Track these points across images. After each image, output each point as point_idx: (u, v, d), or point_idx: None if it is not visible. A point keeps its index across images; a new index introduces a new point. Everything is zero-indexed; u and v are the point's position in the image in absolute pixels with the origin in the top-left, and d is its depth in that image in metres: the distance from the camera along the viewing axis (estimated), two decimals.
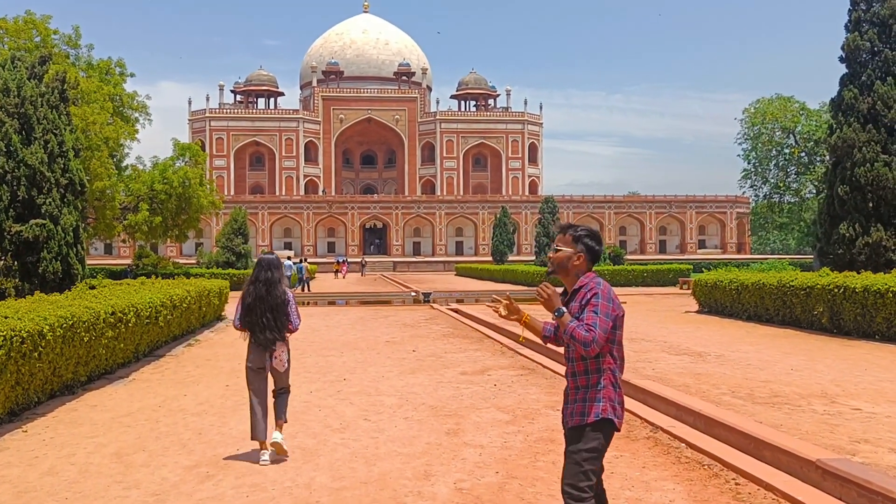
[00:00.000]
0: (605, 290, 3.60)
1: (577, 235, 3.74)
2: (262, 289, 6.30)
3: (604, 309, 3.54)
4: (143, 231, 35.31)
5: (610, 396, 3.63)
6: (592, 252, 3.74)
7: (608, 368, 3.65)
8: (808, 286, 15.76)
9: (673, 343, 13.68)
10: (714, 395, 8.36)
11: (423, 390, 9.13)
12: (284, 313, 6.32)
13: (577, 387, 3.67)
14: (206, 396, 8.90)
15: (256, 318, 6.28)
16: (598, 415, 3.58)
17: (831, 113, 20.32)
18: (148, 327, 11.73)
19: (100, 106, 31.94)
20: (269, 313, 6.25)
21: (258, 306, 6.27)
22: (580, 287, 3.66)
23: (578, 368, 3.66)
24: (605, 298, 3.57)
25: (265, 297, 6.27)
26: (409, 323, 18.63)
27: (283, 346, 6.39)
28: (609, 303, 3.57)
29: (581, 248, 3.72)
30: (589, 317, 3.52)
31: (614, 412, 3.62)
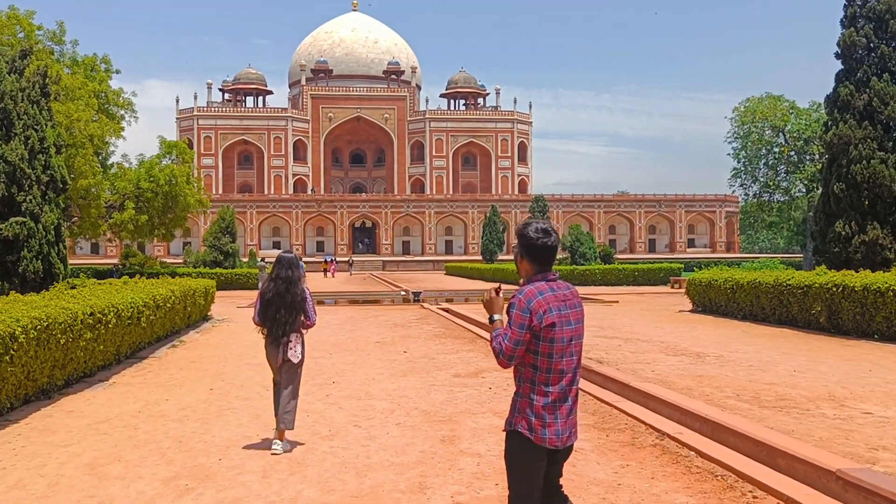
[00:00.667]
0: (524, 300, 3.35)
1: (517, 232, 3.54)
2: (281, 286, 6.55)
3: (517, 320, 3.32)
4: (129, 230, 34.78)
5: (524, 410, 3.38)
6: (528, 246, 3.46)
7: (528, 380, 3.39)
8: (805, 285, 15.51)
9: (670, 343, 13.38)
10: (719, 398, 8.05)
11: (416, 394, 8.77)
12: (302, 310, 6.60)
13: (514, 393, 3.50)
14: (189, 401, 8.51)
15: (273, 314, 6.54)
16: (510, 425, 3.44)
17: (826, 110, 20.08)
18: (129, 328, 11.33)
19: (84, 103, 31.41)
20: (284, 309, 6.50)
21: (276, 302, 6.52)
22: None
23: (515, 375, 3.48)
24: (520, 309, 3.33)
25: (284, 295, 6.53)
26: (399, 323, 18.27)
27: (297, 338, 6.62)
28: (524, 313, 3.32)
29: (519, 248, 3.50)
30: (505, 328, 3.35)
31: (524, 425, 3.36)
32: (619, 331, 15.64)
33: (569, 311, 3.42)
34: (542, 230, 3.44)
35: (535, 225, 3.48)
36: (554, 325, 3.33)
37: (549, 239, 3.43)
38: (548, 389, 3.34)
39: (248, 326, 17.74)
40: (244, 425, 7.25)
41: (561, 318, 3.36)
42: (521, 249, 3.47)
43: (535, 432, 3.33)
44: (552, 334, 3.33)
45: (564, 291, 3.46)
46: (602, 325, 16.97)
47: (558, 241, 3.52)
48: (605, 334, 14.93)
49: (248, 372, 10.78)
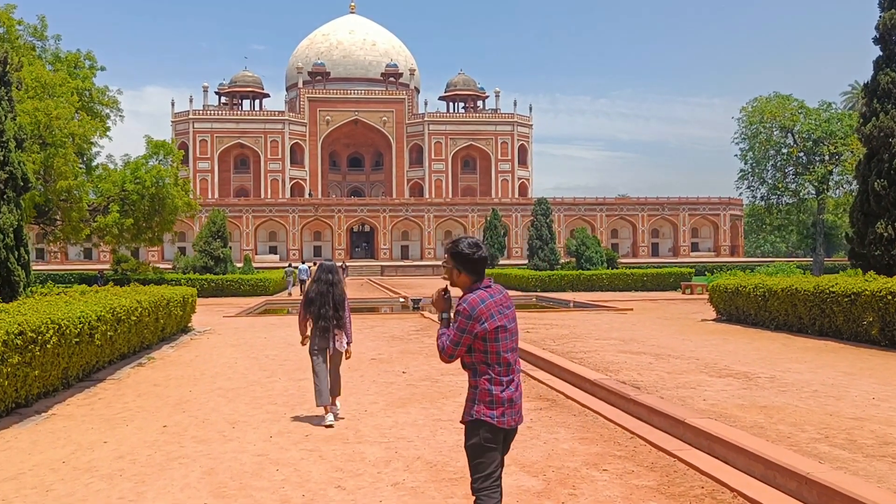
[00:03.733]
0: (468, 308, 3.75)
1: (453, 252, 3.86)
2: (324, 287, 7.88)
3: (460, 325, 3.75)
4: (114, 234, 32.95)
5: (484, 399, 3.79)
6: (465, 261, 3.83)
7: (484, 374, 3.81)
8: (853, 292, 13.80)
9: (706, 360, 11.66)
10: (803, 441, 6.32)
11: (418, 434, 7.03)
12: (344, 308, 7.91)
13: (468, 386, 3.89)
14: (132, 445, 6.77)
15: (317, 309, 7.82)
16: (472, 415, 3.80)
17: (865, 99, 18.36)
18: (79, 347, 9.58)
19: (65, 100, 29.67)
20: (328, 306, 7.81)
21: (320, 300, 7.83)
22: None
23: (469, 371, 3.87)
24: (465, 315, 3.74)
25: (327, 294, 7.85)
26: (397, 335, 16.54)
27: (341, 332, 7.91)
28: (468, 320, 3.74)
29: (455, 262, 3.84)
30: (448, 330, 3.81)
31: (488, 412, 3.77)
32: (644, 344, 13.92)
33: (507, 312, 3.87)
34: (473, 244, 3.86)
35: (466, 241, 3.88)
36: (499, 328, 3.78)
37: (481, 251, 3.84)
38: (503, 379, 3.80)
39: (230, 340, 16.01)
40: (190, 486, 5.50)
41: (503, 320, 3.82)
42: (457, 264, 3.83)
43: (496, 417, 3.77)
44: (498, 335, 3.77)
45: (500, 296, 3.88)
46: (623, 337, 15.26)
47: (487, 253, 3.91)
48: (629, 349, 13.21)
49: (216, 400, 9.03)
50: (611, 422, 7.41)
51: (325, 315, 7.80)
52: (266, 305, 30.02)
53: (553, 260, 45.87)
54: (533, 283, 38.00)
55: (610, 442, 6.65)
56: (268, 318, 23.41)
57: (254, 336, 16.62)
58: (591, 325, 18.21)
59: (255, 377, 10.85)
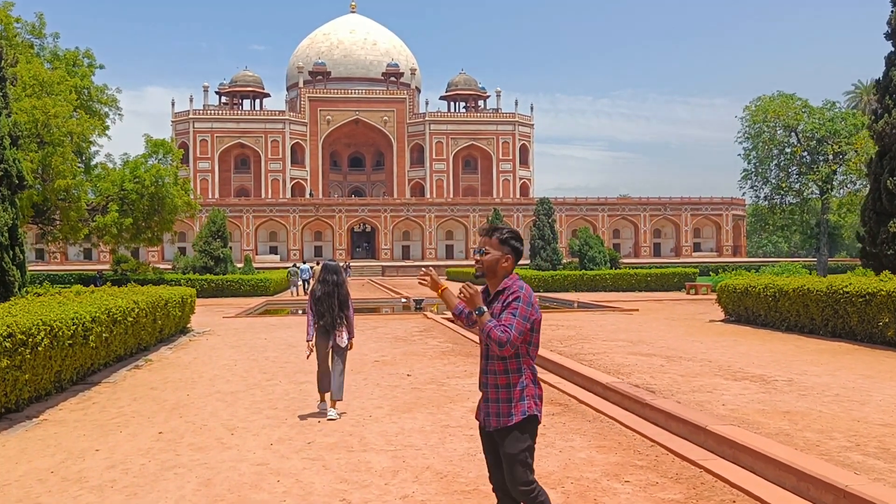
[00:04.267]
0: (527, 293, 3.69)
1: (504, 238, 3.79)
2: (329, 287, 8.18)
3: (522, 312, 3.63)
4: (113, 233, 32.62)
5: (532, 394, 3.74)
6: (518, 253, 3.83)
7: (528, 367, 3.75)
8: (868, 293, 13.45)
9: (720, 362, 11.32)
10: (833, 450, 5.98)
11: (425, 441, 6.69)
12: (348, 306, 8.27)
13: (497, 385, 3.71)
14: (125, 453, 6.43)
15: (324, 308, 8.13)
16: (524, 413, 3.69)
17: (877, 96, 18.02)
18: (72, 349, 9.24)
19: (63, 98, 29.35)
20: (334, 305, 8.13)
21: (327, 300, 8.14)
22: (504, 289, 3.73)
23: (498, 368, 3.72)
24: (525, 302, 3.65)
25: (333, 293, 8.16)
26: (401, 336, 16.20)
27: (343, 329, 8.19)
28: (528, 307, 3.66)
29: (508, 250, 3.78)
30: (507, 318, 3.61)
31: (537, 407, 3.76)
32: (654, 346, 13.58)
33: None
34: (521, 238, 3.85)
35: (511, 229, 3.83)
36: (541, 319, 3.78)
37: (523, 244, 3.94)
38: (536, 374, 3.82)
39: (229, 341, 15.67)
40: (185, 499, 5.15)
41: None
42: (509, 252, 3.76)
43: (540, 411, 3.80)
44: (539, 326, 3.77)
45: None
46: (631, 338, 14.92)
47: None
48: (639, 350, 12.88)
49: (215, 404, 8.69)
50: (628, 428, 7.07)
51: (330, 313, 8.12)
52: (266, 306, 29.69)
53: (555, 260, 45.54)
54: (536, 283, 37.61)
55: (629, 450, 6.30)
56: (268, 318, 23.08)
57: (254, 337, 16.29)
58: (598, 325, 17.87)
59: (255, 380, 10.52)
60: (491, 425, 3.73)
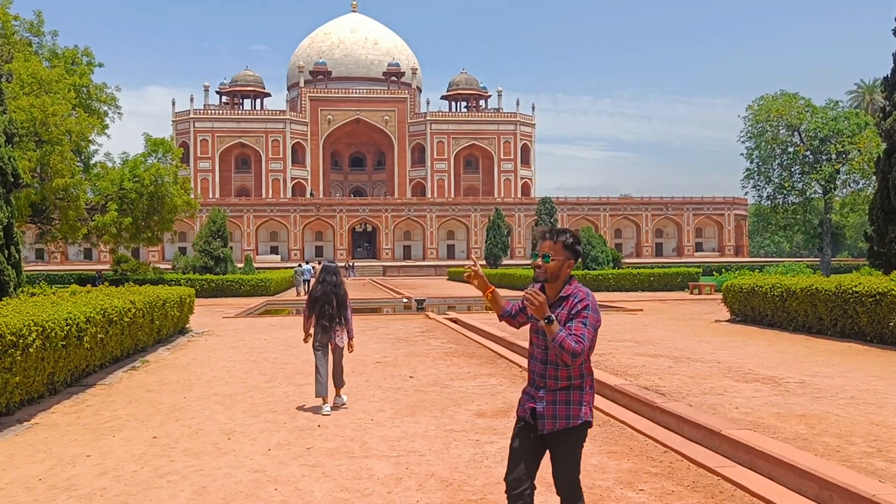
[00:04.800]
0: (593, 301, 3.66)
1: (569, 243, 3.72)
2: (328, 287, 8.37)
3: (592, 321, 3.58)
4: (112, 233, 32.39)
5: (589, 400, 3.73)
6: (578, 257, 3.79)
7: (589, 373, 3.73)
8: (878, 293, 13.19)
9: (729, 364, 11.07)
10: (854, 455, 5.74)
11: (429, 447, 6.44)
12: (346, 306, 8.44)
13: (557, 389, 3.67)
14: (117, 459, 6.19)
15: (321, 308, 8.33)
16: (581, 418, 3.67)
17: (884, 94, 17.77)
18: (66, 351, 9.00)
19: (62, 96, 29.11)
20: (332, 305, 8.32)
21: (324, 300, 8.33)
22: (568, 295, 3.67)
23: (562, 374, 3.67)
24: (594, 310, 3.62)
25: (330, 294, 8.35)
26: (402, 337, 15.96)
27: (342, 329, 8.39)
28: (596, 314, 3.63)
29: (570, 255, 3.71)
30: (578, 327, 3.54)
31: (591, 413, 3.75)
32: (660, 347, 13.34)
33: None
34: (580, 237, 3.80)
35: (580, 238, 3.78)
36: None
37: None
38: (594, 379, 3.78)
39: (229, 341, 15.43)
40: None
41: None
42: (572, 256, 3.70)
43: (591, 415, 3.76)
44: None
45: None
46: (637, 338, 14.67)
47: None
48: (645, 351, 12.63)
49: (212, 407, 8.45)
50: (639, 433, 6.83)
51: (328, 314, 8.32)
52: (267, 306, 29.46)
53: None
54: None
55: (642, 456, 6.06)
56: (268, 318, 22.84)
57: (253, 338, 16.06)
58: (602, 325, 17.59)
59: (254, 382, 10.28)
60: (546, 428, 3.67)
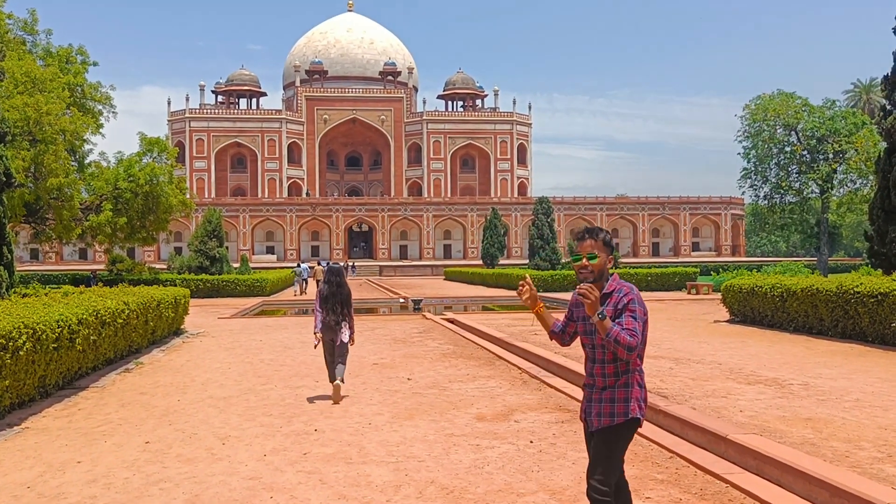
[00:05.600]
0: (638, 294, 3.67)
1: (608, 240, 3.80)
2: (334, 288, 9.13)
3: (640, 314, 3.61)
4: (107, 233, 32.19)
5: (637, 396, 3.69)
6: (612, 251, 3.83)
7: (636, 369, 3.72)
8: (880, 293, 13.07)
9: (731, 365, 10.94)
10: (864, 461, 5.60)
11: (429, 452, 6.29)
12: (349, 304, 9.19)
13: (606, 386, 3.69)
14: (108, 465, 6.03)
15: (330, 306, 9.02)
16: (627, 414, 3.64)
17: (885, 92, 17.67)
18: (57, 353, 8.83)
19: (56, 95, 28.89)
20: (338, 304, 9.05)
21: (331, 299, 9.05)
22: (611, 291, 3.69)
23: (609, 371, 3.69)
24: (640, 303, 3.62)
25: (337, 293, 9.10)
26: (399, 337, 15.81)
27: (345, 325, 9.06)
28: (642, 307, 3.63)
29: (609, 250, 3.79)
30: (628, 321, 3.55)
31: (640, 410, 3.70)
32: (659, 347, 13.19)
33: None
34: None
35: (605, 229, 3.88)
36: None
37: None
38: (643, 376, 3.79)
39: (224, 343, 15.26)
40: None
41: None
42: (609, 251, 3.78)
43: (644, 415, 3.73)
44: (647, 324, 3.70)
45: None
46: None
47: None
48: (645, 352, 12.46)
49: (206, 411, 8.29)
50: (642, 437, 6.68)
51: (333, 311, 9.04)
52: (263, 306, 29.28)
53: (555, 259, 45.22)
54: (535, 283, 37.16)
55: (647, 462, 5.92)
56: (264, 319, 22.67)
57: (249, 339, 15.89)
58: None
59: (250, 384, 10.12)
60: (593, 425, 3.70)
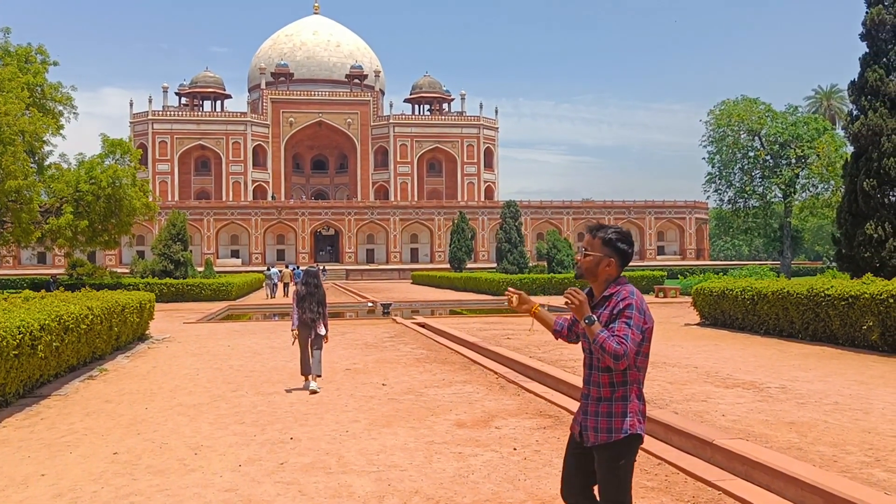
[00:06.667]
0: (639, 301, 3.37)
1: (608, 238, 3.50)
2: (312, 289, 10.10)
3: (636, 321, 3.31)
4: (67, 236, 31.51)
5: (636, 409, 3.41)
6: (624, 256, 3.51)
7: (635, 381, 3.43)
8: (851, 296, 13.16)
9: (706, 368, 10.91)
10: (853, 465, 5.54)
11: (410, 461, 6.09)
12: (324, 304, 10.22)
13: (601, 398, 3.42)
14: (75, 479, 5.74)
15: (307, 305, 9.98)
16: (626, 430, 3.38)
17: (852, 97, 17.87)
18: (18, 360, 8.48)
19: (15, 95, 28.21)
20: (315, 303, 10.03)
21: (308, 298, 10.03)
22: (611, 294, 3.42)
23: (604, 380, 3.42)
24: (638, 310, 3.34)
25: (313, 293, 10.09)
26: (371, 342, 15.57)
27: (320, 321, 10.06)
28: (641, 315, 3.34)
29: (611, 251, 3.48)
30: (621, 328, 3.28)
31: (640, 425, 3.42)
32: None
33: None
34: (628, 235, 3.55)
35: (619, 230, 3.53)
36: (653, 327, 3.43)
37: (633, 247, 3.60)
38: (643, 390, 3.47)
39: (191, 348, 14.89)
40: None
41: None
42: (612, 252, 3.46)
43: (644, 431, 3.43)
44: (651, 335, 3.42)
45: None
46: None
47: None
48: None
49: (176, 419, 8.01)
50: None
51: (311, 310, 9.98)
52: (229, 311, 28.80)
53: (522, 263, 45.24)
54: (504, 286, 37.14)
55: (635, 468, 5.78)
56: (231, 324, 22.24)
57: (216, 344, 15.54)
58: None
59: (220, 391, 9.83)
60: (589, 440, 3.44)
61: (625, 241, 3.50)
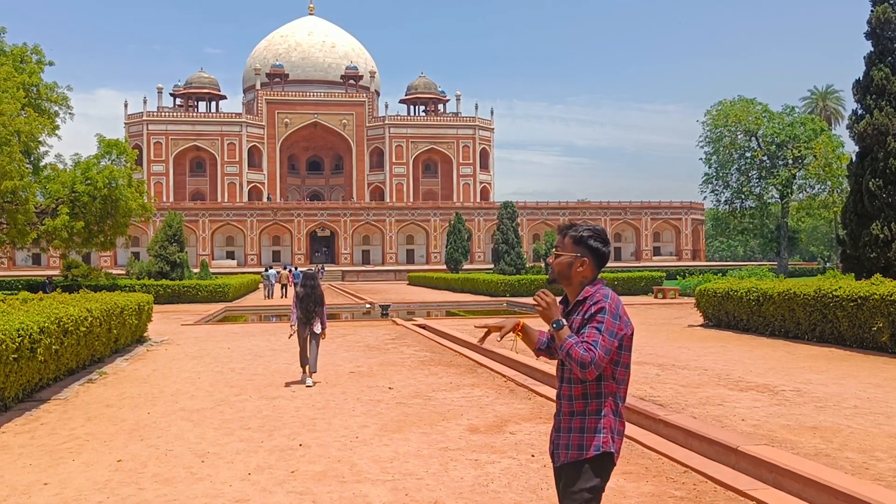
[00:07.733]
0: (613, 304, 3.05)
1: (579, 237, 3.17)
2: (309, 290, 10.75)
3: (608, 326, 2.99)
4: (63, 237, 31.19)
5: (610, 426, 3.06)
6: (598, 255, 3.17)
7: (610, 393, 3.07)
8: (860, 297, 13.01)
9: (716, 371, 10.74)
10: (885, 473, 5.36)
11: (426, 468, 5.89)
12: (322, 304, 10.84)
13: (573, 412, 3.09)
14: (78, 487, 5.53)
15: (305, 305, 10.62)
16: (598, 448, 3.02)
17: (857, 96, 17.72)
18: (17, 364, 8.26)
19: (10, 95, 27.93)
20: (313, 303, 10.67)
21: (307, 299, 10.66)
22: (585, 298, 3.11)
23: (576, 392, 3.08)
24: (612, 314, 3.02)
25: (311, 294, 10.72)
26: (373, 344, 15.37)
27: (317, 319, 10.69)
28: (616, 319, 3.02)
29: (584, 251, 3.16)
30: (590, 334, 2.98)
31: (614, 443, 3.06)
32: (641, 353, 12.95)
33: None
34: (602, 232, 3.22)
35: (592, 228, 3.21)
36: (632, 333, 3.13)
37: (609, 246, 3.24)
38: (621, 403, 3.12)
39: (190, 351, 14.67)
40: None
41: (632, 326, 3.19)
42: (587, 252, 3.15)
43: (618, 451, 3.10)
44: (630, 343, 3.12)
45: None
46: None
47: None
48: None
49: (180, 424, 7.80)
50: (650, 449, 6.38)
51: (309, 310, 10.62)
52: (226, 312, 28.56)
53: (520, 264, 45.06)
54: (502, 287, 37.02)
55: (661, 477, 5.60)
56: (229, 326, 22.01)
57: (216, 347, 15.31)
58: None
59: (223, 395, 9.62)
60: (560, 459, 3.09)
61: (598, 239, 3.17)
